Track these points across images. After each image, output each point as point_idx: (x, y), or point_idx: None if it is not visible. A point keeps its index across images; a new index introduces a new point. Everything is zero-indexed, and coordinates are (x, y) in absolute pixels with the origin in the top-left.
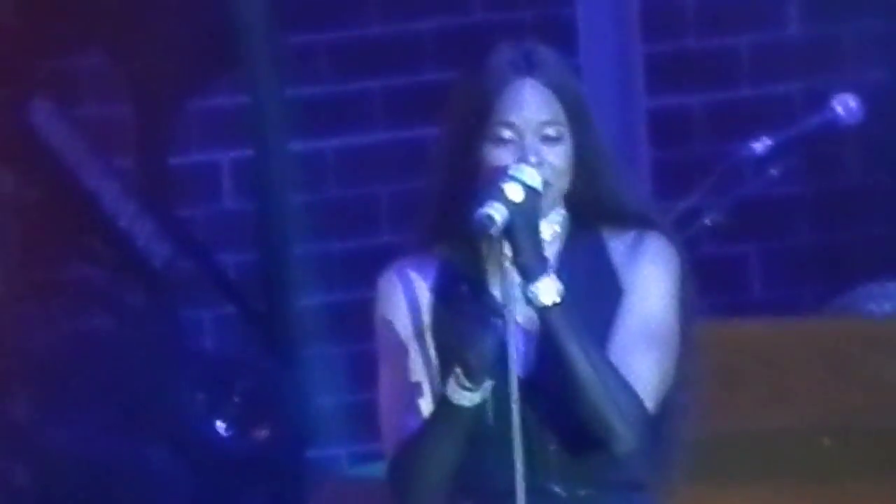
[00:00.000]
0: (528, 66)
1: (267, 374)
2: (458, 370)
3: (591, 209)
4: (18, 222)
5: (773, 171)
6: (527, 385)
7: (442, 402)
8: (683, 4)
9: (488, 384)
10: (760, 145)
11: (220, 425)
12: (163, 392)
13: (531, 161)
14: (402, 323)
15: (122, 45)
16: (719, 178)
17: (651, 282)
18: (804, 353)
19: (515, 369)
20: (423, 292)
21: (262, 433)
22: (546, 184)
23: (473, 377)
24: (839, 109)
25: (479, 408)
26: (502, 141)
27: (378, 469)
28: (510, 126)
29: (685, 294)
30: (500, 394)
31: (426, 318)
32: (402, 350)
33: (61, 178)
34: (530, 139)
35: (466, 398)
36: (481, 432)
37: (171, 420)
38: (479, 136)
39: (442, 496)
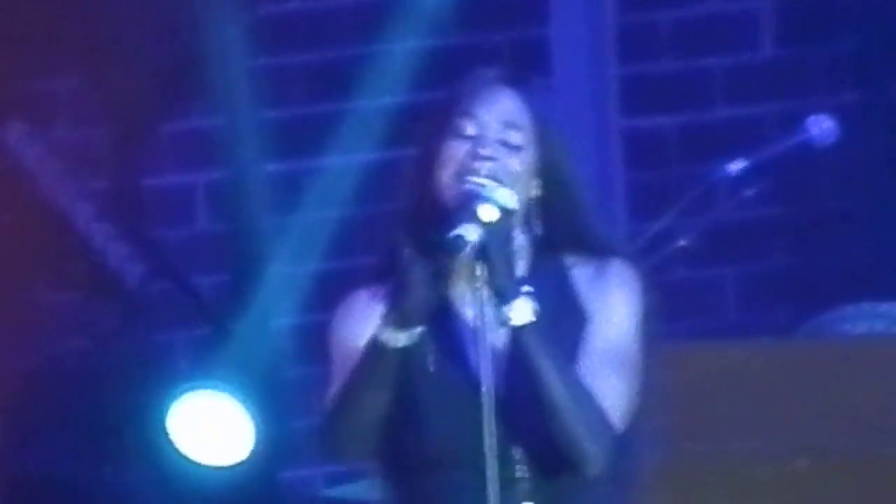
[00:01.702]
0: (511, 81)
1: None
2: (390, 311)
3: (555, 237)
4: None
5: (748, 193)
6: (496, 406)
7: (370, 343)
8: (658, 26)
9: (417, 330)
10: (735, 167)
11: (193, 446)
12: (136, 413)
13: (484, 152)
14: (353, 337)
15: (97, 67)
16: (693, 200)
17: (615, 307)
18: (779, 375)
19: (488, 390)
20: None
21: (237, 454)
22: (499, 182)
23: (403, 318)
24: (813, 130)
25: (412, 354)
26: (462, 135)
27: (353, 490)
28: (472, 117)
29: (648, 320)
30: (472, 414)
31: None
32: (349, 358)
33: (35, 200)
34: (491, 136)
35: (392, 339)
36: (452, 454)
37: (144, 442)
38: (444, 133)
39: (368, 445)
